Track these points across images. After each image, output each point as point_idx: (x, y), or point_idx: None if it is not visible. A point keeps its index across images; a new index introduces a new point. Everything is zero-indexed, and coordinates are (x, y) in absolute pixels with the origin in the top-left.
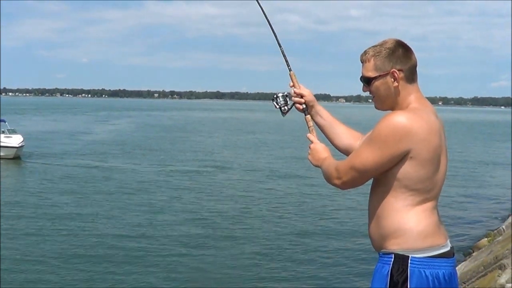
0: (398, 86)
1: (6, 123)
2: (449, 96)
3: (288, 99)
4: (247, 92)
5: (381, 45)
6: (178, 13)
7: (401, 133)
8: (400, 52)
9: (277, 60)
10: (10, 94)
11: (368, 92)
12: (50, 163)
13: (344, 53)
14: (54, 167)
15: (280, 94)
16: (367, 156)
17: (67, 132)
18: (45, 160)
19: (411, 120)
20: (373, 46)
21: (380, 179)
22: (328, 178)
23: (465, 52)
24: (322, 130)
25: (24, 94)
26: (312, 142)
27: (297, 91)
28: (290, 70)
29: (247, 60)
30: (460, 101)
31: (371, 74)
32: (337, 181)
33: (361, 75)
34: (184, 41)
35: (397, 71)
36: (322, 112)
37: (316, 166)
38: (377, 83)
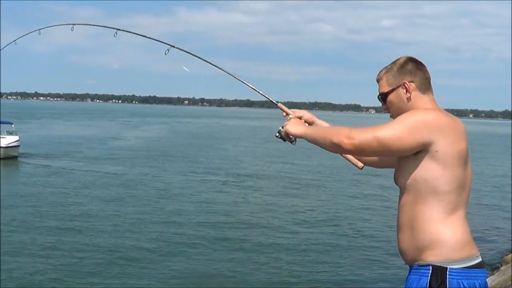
0: (410, 96)
1: (13, 125)
2: (479, 109)
3: None
4: (277, 101)
5: (393, 63)
6: (209, 21)
7: (430, 122)
8: (410, 66)
9: (308, 70)
10: (42, 98)
11: (388, 110)
12: (46, 164)
13: (376, 63)
14: (54, 168)
15: (280, 128)
16: (394, 131)
17: (96, 136)
18: (45, 162)
19: (439, 116)
20: (386, 66)
21: (408, 184)
22: (328, 138)
23: (497, 65)
24: None
25: (55, 99)
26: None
27: (293, 116)
28: (277, 103)
29: (277, 68)
30: (491, 114)
31: (385, 89)
32: (346, 140)
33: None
34: (215, 49)
35: (407, 82)
36: (324, 125)
37: (295, 133)
38: (390, 97)
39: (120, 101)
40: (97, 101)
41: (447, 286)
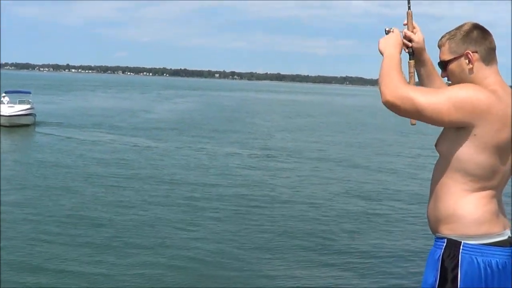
0: (472, 68)
1: (31, 94)
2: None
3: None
4: (308, 75)
5: (457, 28)
6: None
7: (477, 104)
8: (475, 34)
9: (338, 44)
10: (73, 70)
11: (446, 78)
12: (64, 134)
13: None
14: (74, 139)
15: (392, 29)
16: (435, 101)
17: (129, 109)
18: (63, 131)
19: (490, 99)
20: (450, 31)
21: (442, 157)
22: (381, 80)
23: None
24: (418, 78)
25: (86, 71)
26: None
27: (408, 33)
28: (408, 8)
29: (308, 42)
30: None
31: (446, 57)
32: (387, 96)
33: (438, 60)
34: (246, 22)
35: (471, 53)
36: (426, 63)
37: (380, 50)
38: (452, 66)
39: (151, 74)
40: (128, 73)
41: (459, 261)
